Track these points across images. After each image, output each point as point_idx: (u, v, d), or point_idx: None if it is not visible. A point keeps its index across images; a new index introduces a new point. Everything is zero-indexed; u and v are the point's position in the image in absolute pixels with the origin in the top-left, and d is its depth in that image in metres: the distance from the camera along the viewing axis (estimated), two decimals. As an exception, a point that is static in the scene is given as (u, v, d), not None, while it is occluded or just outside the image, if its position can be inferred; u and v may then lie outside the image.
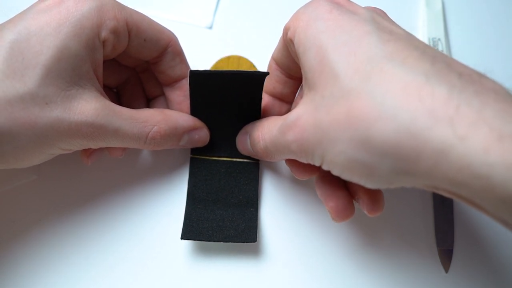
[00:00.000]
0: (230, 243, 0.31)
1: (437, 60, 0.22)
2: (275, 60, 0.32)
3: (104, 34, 0.28)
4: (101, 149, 0.32)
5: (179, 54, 0.33)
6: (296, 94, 0.33)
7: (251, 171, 0.34)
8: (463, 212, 0.34)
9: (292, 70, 0.31)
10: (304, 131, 0.24)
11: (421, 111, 0.19)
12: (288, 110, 0.33)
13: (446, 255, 0.32)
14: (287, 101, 0.33)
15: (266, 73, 0.30)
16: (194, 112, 0.33)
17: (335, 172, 0.24)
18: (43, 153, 0.28)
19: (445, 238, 0.33)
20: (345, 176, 0.24)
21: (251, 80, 0.31)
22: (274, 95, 0.33)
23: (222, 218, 0.32)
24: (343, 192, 0.28)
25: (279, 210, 0.34)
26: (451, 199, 0.34)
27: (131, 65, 0.34)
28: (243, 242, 0.31)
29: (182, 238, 0.31)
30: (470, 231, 0.33)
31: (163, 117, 0.30)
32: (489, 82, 0.21)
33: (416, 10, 0.40)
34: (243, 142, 0.33)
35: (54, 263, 0.32)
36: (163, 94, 0.35)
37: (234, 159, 0.34)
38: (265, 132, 0.29)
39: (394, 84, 0.21)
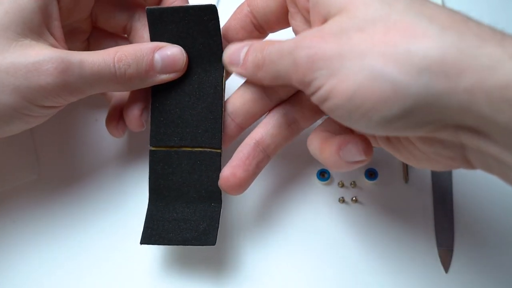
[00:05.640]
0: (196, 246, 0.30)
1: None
2: (252, 5, 0.30)
3: None
4: (123, 118, 0.31)
5: None
6: None
7: (212, 161, 0.30)
8: (464, 213, 0.34)
9: (269, 21, 0.30)
10: (323, 40, 0.23)
11: (469, 33, 0.20)
12: None
13: (446, 255, 0.32)
14: None
15: (213, 5, 0.29)
16: None
17: (336, 99, 0.22)
18: (15, 112, 0.26)
19: (445, 238, 0.33)
20: (344, 109, 0.22)
21: (205, 13, 0.29)
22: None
23: (183, 217, 0.30)
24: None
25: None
26: (451, 199, 0.34)
27: None
28: (202, 245, 0.29)
29: (141, 243, 0.29)
30: (470, 231, 0.33)
31: (123, 45, 0.29)
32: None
33: (416, 10, 0.40)
34: (236, 49, 0.29)
35: (54, 263, 0.32)
36: None
37: (195, 149, 0.31)
38: (277, 41, 0.27)
39: (440, 12, 0.22)
